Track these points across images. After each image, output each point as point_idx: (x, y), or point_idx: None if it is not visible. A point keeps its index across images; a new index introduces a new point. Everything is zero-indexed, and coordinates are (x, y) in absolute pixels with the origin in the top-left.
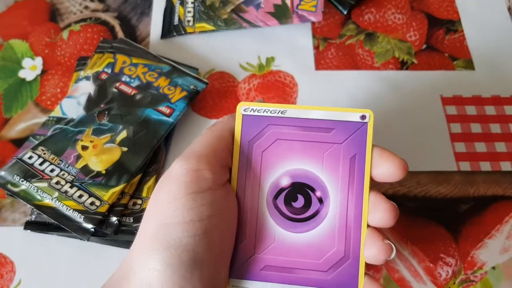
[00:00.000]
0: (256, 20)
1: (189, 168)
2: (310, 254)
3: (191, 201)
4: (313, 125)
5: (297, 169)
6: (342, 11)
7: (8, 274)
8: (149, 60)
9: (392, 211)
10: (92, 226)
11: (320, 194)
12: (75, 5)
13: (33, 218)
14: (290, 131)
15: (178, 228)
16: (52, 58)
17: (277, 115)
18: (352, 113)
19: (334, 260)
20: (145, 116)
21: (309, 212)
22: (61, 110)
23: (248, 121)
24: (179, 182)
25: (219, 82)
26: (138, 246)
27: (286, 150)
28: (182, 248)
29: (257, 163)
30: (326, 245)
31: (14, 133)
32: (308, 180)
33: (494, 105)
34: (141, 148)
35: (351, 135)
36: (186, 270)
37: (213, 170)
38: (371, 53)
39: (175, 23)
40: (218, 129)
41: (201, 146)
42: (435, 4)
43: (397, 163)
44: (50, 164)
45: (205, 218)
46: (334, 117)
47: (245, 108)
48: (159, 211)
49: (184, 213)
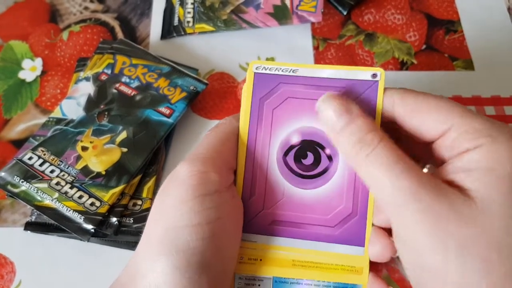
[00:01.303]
0: (256, 20)
1: (196, 170)
2: (318, 209)
3: (198, 204)
4: (324, 84)
5: (308, 127)
6: (342, 12)
7: (8, 275)
8: (149, 61)
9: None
10: (92, 227)
11: (330, 151)
12: (75, 6)
13: (33, 219)
14: (301, 90)
15: (186, 231)
16: (52, 59)
17: (288, 73)
18: (363, 72)
19: (341, 216)
20: (145, 117)
21: (318, 169)
22: (61, 111)
23: (259, 79)
24: (186, 185)
25: (219, 82)
26: (145, 249)
27: (297, 108)
28: (191, 252)
29: (267, 120)
30: (334, 201)
31: (14, 134)
32: (318, 138)
33: (494, 105)
34: (141, 149)
35: (362, 93)
36: (194, 273)
37: (219, 172)
38: (371, 53)
39: (175, 24)
40: (221, 130)
41: (205, 149)
42: (434, 4)
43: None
44: (50, 165)
45: (212, 221)
46: (345, 75)
47: (257, 66)
48: (166, 214)
49: (192, 216)
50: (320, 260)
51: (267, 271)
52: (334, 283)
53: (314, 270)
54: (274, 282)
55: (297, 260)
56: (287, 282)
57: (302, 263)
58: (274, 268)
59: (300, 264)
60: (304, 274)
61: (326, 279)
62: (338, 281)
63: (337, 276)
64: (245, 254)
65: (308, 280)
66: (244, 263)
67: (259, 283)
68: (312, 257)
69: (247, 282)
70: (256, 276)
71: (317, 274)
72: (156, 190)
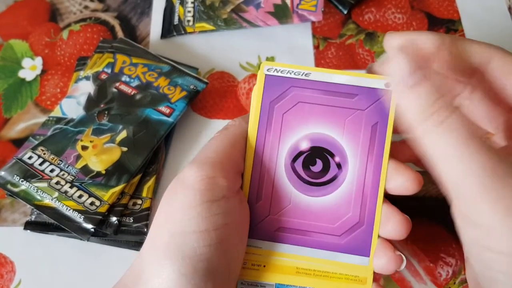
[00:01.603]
0: (256, 19)
1: (204, 175)
2: (325, 218)
3: (206, 210)
4: (337, 90)
5: (317, 133)
6: (342, 11)
7: (8, 274)
8: (149, 60)
9: (404, 223)
10: (92, 226)
11: (339, 159)
12: (75, 5)
13: (33, 218)
14: (313, 95)
15: (193, 237)
16: (52, 58)
17: (300, 77)
18: (377, 80)
19: (348, 225)
20: (145, 116)
21: (326, 176)
22: (61, 110)
23: (270, 81)
24: (193, 190)
25: (219, 82)
26: (150, 253)
27: (308, 114)
28: (197, 258)
29: (277, 124)
30: (342, 210)
31: (14, 133)
32: (327, 145)
33: None
34: (141, 148)
35: (374, 102)
36: (200, 279)
37: (228, 177)
38: (371, 52)
39: (175, 23)
40: (231, 133)
41: (214, 152)
42: (435, 3)
43: (413, 177)
44: (50, 164)
45: (220, 227)
46: (358, 82)
47: (269, 68)
48: (173, 219)
49: (199, 222)
50: (325, 268)
51: (270, 278)
52: None
53: (318, 278)
54: None
55: (301, 267)
56: None
57: (306, 271)
58: (277, 275)
59: (304, 272)
60: (308, 282)
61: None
62: None
63: (340, 285)
64: (248, 259)
65: None
66: (247, 268)
67: None
68: (317, 265)
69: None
70: (259, 282)
71: (321, 282)
72: (156, 190)
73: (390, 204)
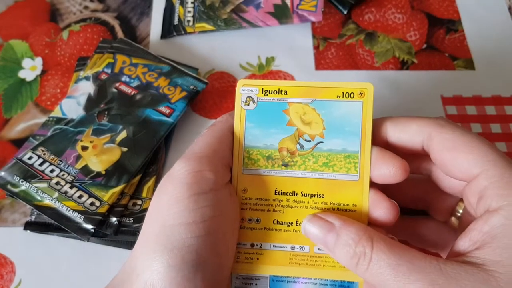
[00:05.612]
0: (256, 20)
1: (191, 169)
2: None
3: (193, 202)
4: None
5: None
6: (342, 11)
7: (8, 275)
8: (149, 60)
9: (392, 209)
10: (92, 227)
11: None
12: (75, 5)
13: (33, 218)
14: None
15: (181, 229)
16: (52, 58)
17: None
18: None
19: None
20: (145, 116)
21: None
22: (61, 110)
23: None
24: (181, 183)
25: (219, 82)
26: (141, 247)
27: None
28: (186, 249)
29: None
30: None
31: (14, 134)
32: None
33: (494, 105)
34: (141, 148)
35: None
36: (189, 271)
37: (215, 171)
38: (371, 53)
39: (175, 23)
40: (218, 128)
41: (202, 147)
42: (435, 3)
43: (398, 164)
44: (50, 165)
45: (208, 219)
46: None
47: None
48: (162, 212)
49: (187, 215)
50: (318, 257)
51: (264, 270)
52: (331, 280)
53: (311, 268)
54: (271, 281)
55: (294, 257)
56: (284, 280)
57: (299, 261)
58: (271, 267)
59: (297, 262)
60: (301, 272)
61: (323, 276)
62: (335, 278)
63: (334, 274)
64: (241, 253)
65: (305, 278)
66: (240, 262)
67: (256, 282)
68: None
69: (244, 281)
70: (253, 275)
71: (314, 272)
72: None
73: (377, 191)
